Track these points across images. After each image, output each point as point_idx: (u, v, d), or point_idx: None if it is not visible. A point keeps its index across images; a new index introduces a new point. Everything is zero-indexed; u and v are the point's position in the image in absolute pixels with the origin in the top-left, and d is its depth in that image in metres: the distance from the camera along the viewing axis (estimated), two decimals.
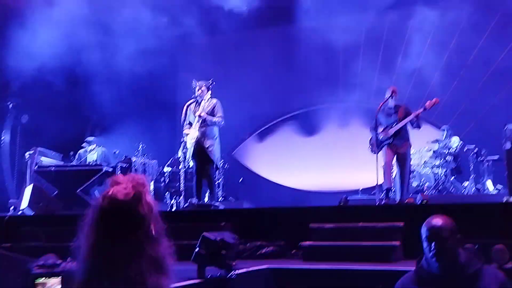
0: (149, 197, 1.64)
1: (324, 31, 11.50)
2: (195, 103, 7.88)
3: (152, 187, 10.47)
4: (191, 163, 8.13)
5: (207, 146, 7.66)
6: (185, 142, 7.88)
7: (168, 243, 1.64)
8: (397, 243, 5.52)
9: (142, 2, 10.68)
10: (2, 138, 11.63)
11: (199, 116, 7.64)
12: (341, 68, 12.10)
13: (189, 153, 7.82)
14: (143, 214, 1.59)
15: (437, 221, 2.77)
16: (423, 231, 2.78)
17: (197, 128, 7.69)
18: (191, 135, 7.75)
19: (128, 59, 10.64)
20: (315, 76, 12.29)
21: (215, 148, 7.76)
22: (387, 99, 7.79)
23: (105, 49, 10.91)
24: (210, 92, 7.88)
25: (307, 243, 5.84)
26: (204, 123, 7.68)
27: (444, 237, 2.71)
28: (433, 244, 2.71)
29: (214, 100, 7.84)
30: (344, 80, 12.07)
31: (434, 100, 7.62)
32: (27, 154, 9.92)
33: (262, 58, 12.50)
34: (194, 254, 4.25)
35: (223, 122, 7.80)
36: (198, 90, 7.82)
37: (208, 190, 8.08)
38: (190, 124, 7.83)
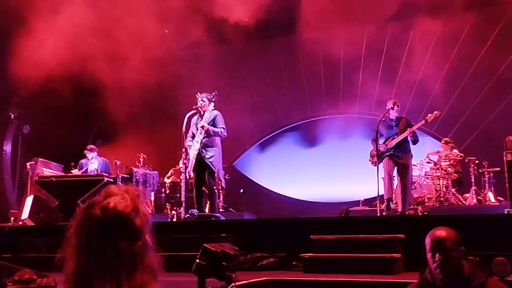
0: (145, 208, 1.65)
1: (325, 42, 11.56)
2: (197, 115, 7.92)
3: (152, 198, 10.47)
4: (192, 174, 8.13)
5: (208, 157, 7.68)
6: (186, 153, 7.90)
7: (157, 254, 1.65)
8: (398, 255, 5.50)
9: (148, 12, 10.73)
10: (3, 149, 11.65)
11: (201, 127, 7.67)
12: (342, 79, 12.12)
13: (191, 164, 7.83)
14: (141, 226, 1.60)
15: (441, 232, 2.76)
16: (427, 242, 2.77)
17: (199, 140, 7.72)
18: (193, 146, 7.78)
19: (132, 70, 10.65)
20: (316, 87, 12.33)
21: (216, 159, 7.77)
22: (388, 111, 7.82)
23: (109, 60, 10.95)
24: (212, 104, 7.91)
25: (308, 254, 5.82)
26: (206, 134, 7.71)
27: (448, 248, 2.69)
28: (436, 255, 2.69)
29: (215, 112, 7.87)
30: (345, 92, 12.09)
31: (435, 113, 7.65)
32: (28, 165, 9.92)
33: (264, 69, 12.54)
34: (194, 265, 4.23)
35: (225, 133, 7.82)
36: (201, 102, 7.86)
37: (209, 201, 8.07)
38: (193, 136, 7.85)
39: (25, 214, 8.18)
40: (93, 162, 10.06)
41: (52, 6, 9.72)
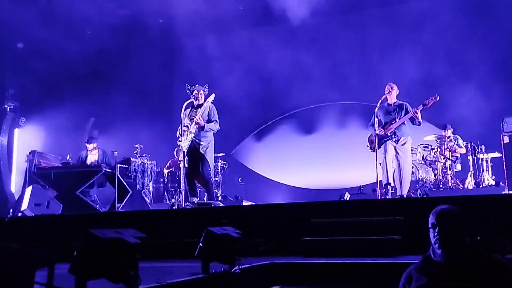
0: None
1: (321, 29, 11.54)
2: (190, 107, 7.94)
3: (151, 188, 10.48)
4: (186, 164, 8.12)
5: (201, 147, 7.74)
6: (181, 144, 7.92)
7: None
8: (398, 237, 5.54)
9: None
10: (0, 141, 11.63)
11: (196, 123, 7.70)
12: (338, 66, 12.08)
13: (184, 155, 7.86)
14: None
15: (443, 207, 2.78)
16: (430, 218, 2.77)
17: (193, 132, 7.76)
18: (186, 138, 7.80)
19: (126, 59, 10.64)
20: (312, 74, 12.28)
21: (209, 149, 7.85)
22: (386, 96, 7.82)
23: (104, 51, 10.94)
24: (205, 96, 7.93)
25: (308, 238, 5.85)
26: (199, 127, 7.76)
27: (449, 223, 2.70)
28: (437, 229, 2.70)
29: (210, 105, 7.88)
30: (341, 79, 12.06)
31: (433, 97, 7.64)
32: (25, 157, 9.89)
33: (259, 57, 12.47)
34: (197, 249, 4.25)
35: (218, 127, 7.87)
36: (194, 95, 7.87)
37: (206, 191, 8.08)
38: (186, 127, 7.86)
39: (24, 205, 8.18)
40: (93, 154, 10.05)
41: None
